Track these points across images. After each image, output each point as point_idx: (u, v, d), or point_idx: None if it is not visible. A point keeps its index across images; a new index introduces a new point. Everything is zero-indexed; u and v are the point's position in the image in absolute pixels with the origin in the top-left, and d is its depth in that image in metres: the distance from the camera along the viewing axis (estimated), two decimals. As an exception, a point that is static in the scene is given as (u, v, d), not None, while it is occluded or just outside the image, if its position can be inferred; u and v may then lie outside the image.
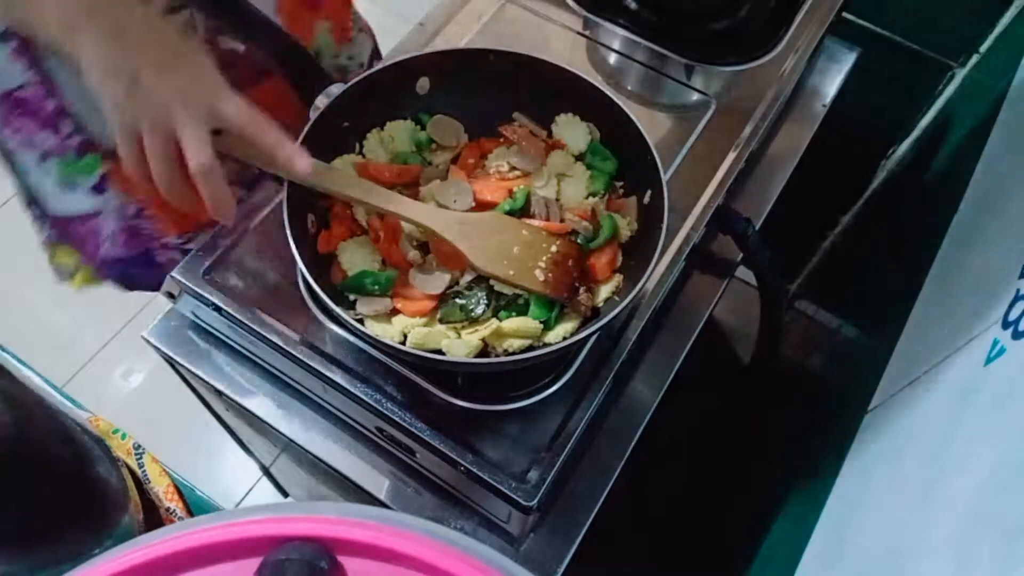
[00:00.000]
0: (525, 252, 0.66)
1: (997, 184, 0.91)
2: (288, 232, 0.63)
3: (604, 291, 0.71)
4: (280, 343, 0.71)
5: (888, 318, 1.05)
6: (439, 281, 0.68)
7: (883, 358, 0.94)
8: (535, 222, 0.71)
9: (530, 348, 0.65)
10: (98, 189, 0.85)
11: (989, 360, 0.69)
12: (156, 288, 0.98)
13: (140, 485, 1.05)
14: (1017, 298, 0.70)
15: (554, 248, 0.67)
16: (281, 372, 0.76)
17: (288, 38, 0.71)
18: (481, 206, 0.71)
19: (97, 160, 0.82)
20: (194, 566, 0.34)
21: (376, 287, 0.66)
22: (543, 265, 0.66)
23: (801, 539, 0.85)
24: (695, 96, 0.90)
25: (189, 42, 0.57)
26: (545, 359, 0.64)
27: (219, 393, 0.77)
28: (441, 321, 0.66)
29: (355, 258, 0.69)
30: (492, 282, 0.68)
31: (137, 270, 0.96)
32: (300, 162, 0.58)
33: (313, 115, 0.69)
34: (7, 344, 1.43)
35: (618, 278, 0.71)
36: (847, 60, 1.03)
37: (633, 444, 0.74)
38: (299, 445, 0.74)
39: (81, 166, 0.83)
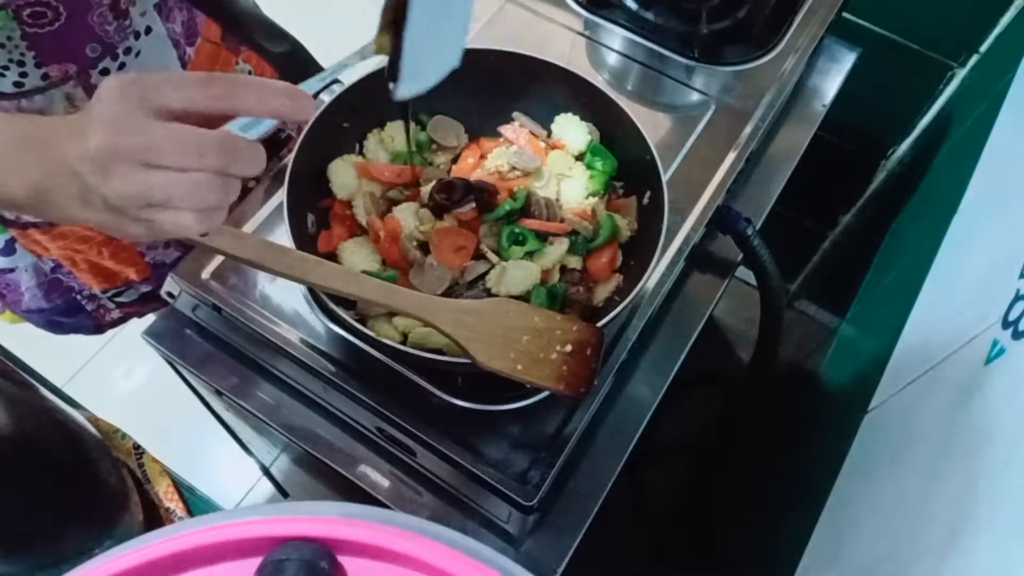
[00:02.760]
0: (536, 342, 0.59)
1: (997, 184, 0.91)
2: (288, 232, 0.63)
3: (604, 291, 0.71)
4: (280, 343, 0.71)
5: (888, 318, 1.05)
6: (439, 281, 0.68)
7: (883, 358, 0.94)
8: (533, 222, 0.71)
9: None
10: (6, 251, 0.84)
11: (989, 360, 0.69)
12: (90, 332, 0.98)
13: (140, 485, 1.05)
14: (1017, 298, 0.70)
15: (570, 335, 0.59)
16: (281, 372, 0.76)
17: (288, 39, 0.71)
18: (481, 207, 0.71)
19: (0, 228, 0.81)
20: (194, 566, 0.34)
21: (376, 287, 0.66)
22: (556, 356, 0.59)
23: (801, 539, 0.85)
24: (695, 96, 0.90)
25: (83, 118, 0.46)
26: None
27: (219, 393, 0.77)
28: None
29: (355, 258, 0.69)
30: (491, 284, 0.68)
31: (63, 318, 0.95)
32: (308, 105, 0.49)
33: (314, 116, 0.69)
34: (7, 344, 1.43)
35: (618, 278, 0.71)
36: (847, 60, 1.03)
37: (633, 444, 0.74)
38: (299, 445, 0.74)
39: None
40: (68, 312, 0.94)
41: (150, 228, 0.46)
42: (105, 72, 0.72)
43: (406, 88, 0.53)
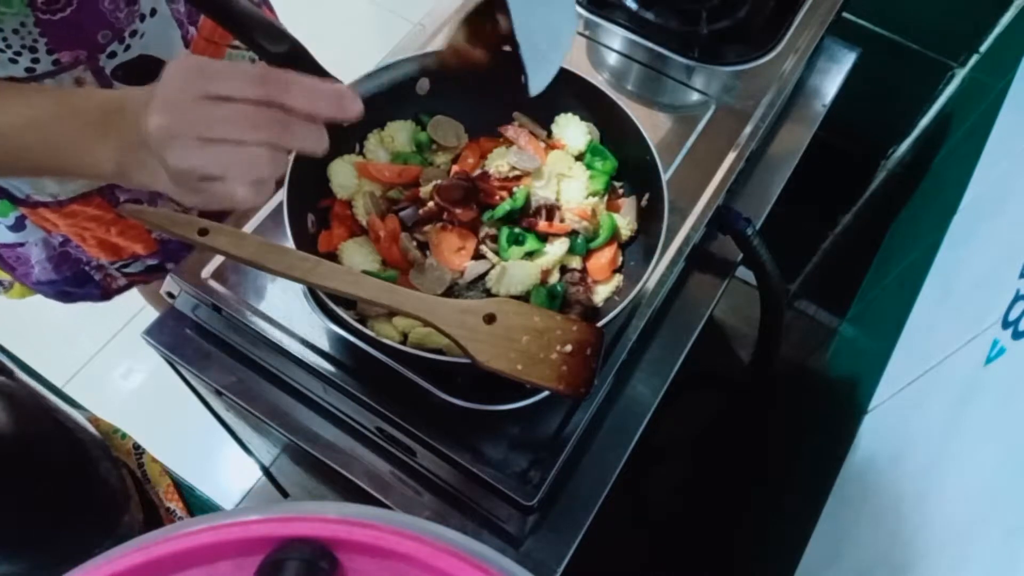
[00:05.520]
0: (536, 341, 0.58)
1: (997, 184, 0.92)
2: (288, 232, 0.63)
3: (604, 291, 0.71)
4: (280, 343, 0.71)
5: (888, 318, 1.05)
6: (439, 281, 0.68)
7: (883, 358, 0.94)
8: (533, 223, 0.71)
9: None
10: (17, 227, 0.86)
11: (989, 360, 0.69)
12: (98, 299, 1.00)
13: (140, 485, 1.05)
14: (1017, 298, 0.70)
15: (571, 335, 0.59)
16: (281, 372, 0.76)
17: (287, 39, 0.71)
18: (481, 207, 0.71)
19: (9, 205, 0.82)
20: (194, 566, 0.34)
21: (376, 287, 0.66)
22: (556, 356, 0.58)
23: (801, 539, 0.85)
24: (695, 96, 0.90)
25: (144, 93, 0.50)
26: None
27: (219, 393, 0.77)
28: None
29: (355, 258, 0.69)
30: (491, 284, 0.68)
31: (72, 288, 0.96)
32: (353, 106, 0.53)
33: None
34: (7, 344, 1.43)
35: (618, 278, 0.71)
36: (847, 60, 1.03)
37: (633, 444, 0.74)
38: (299, 445, 0.74)
39: None
40: (77, 283, 0.96)
41: (206, 199, 0.50)
42: (113, 56, 0.73)
43: (537, 80, 0.56)
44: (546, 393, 0.66)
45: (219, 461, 1.60)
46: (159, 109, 0.47)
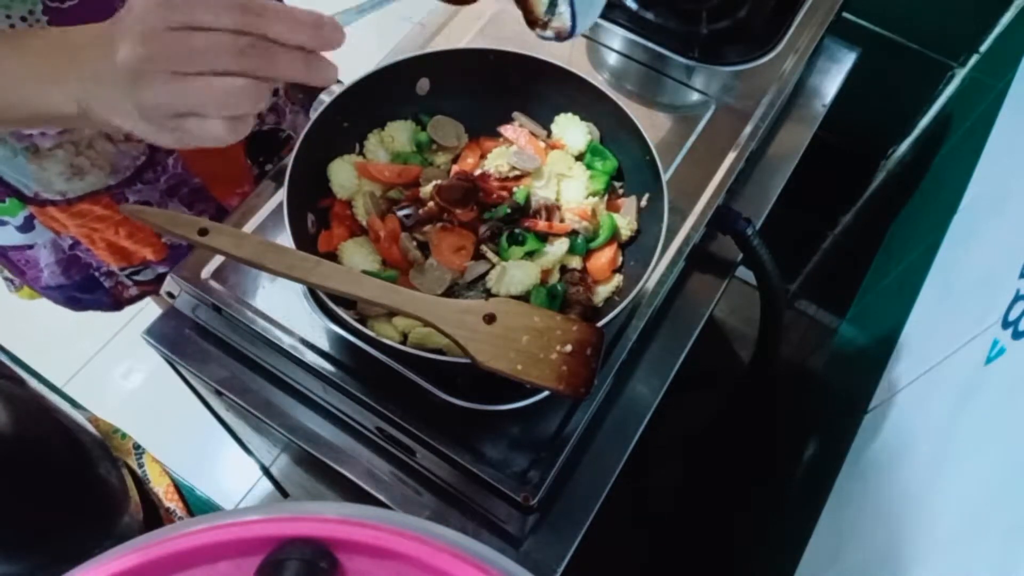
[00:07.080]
0: (536, 341, 0.58)
1: (997, 184, 0.92)
2: (289, 232, 0.63)
3: (604, 291, 0.71)
4: (280, 343, 0.71)
5: (888, 318, 1.05)
6: (439, 281, 0.68)
7: (883, 358, 0.94)
8: (534, 223, 0.71)
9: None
10: (25, 227, 0.85)
11: (989, 360, 0.69)
12: (109, 308, 0.99)
13: (140, 485, 1.04)
14: (1017, 298, 0.70)
15: (571, 335, 0.59)
16: (281, 372, 0.76)
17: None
18: (481, 207, 0.71)
19: (18, 204, 0.82)
20: (194, 566, 0.34)
21: (376, 287, 0.66)
22: (556, 356, 0.58)
23: (801, 539, 0.85)
24: (695, 96, 0.90)
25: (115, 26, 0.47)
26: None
27: (219, 393, 0.77)
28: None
29: (355, 258, 0.69)
30: (491, 284, 0.68)
31: (82, 294, 0.96)
32: (335, 34, 0.46)
33: (314, 115, 0.69)
34: (8, 344, 1.43)
35: (618, 278, 0.71)
36: (847, 60, 1.03)
37: (633, 444, 0.74)
38: (299, 445, 0.74)
39: (4, 208, 0.83)
40: (86, 288, 0.95)
41: (181, 136, 0.47)
42: None
43: (584, 19, 0.58)
44: (546, 393, 0.66)
45: (219, 461, 1.60)
46: (129, 40, 0.43)
